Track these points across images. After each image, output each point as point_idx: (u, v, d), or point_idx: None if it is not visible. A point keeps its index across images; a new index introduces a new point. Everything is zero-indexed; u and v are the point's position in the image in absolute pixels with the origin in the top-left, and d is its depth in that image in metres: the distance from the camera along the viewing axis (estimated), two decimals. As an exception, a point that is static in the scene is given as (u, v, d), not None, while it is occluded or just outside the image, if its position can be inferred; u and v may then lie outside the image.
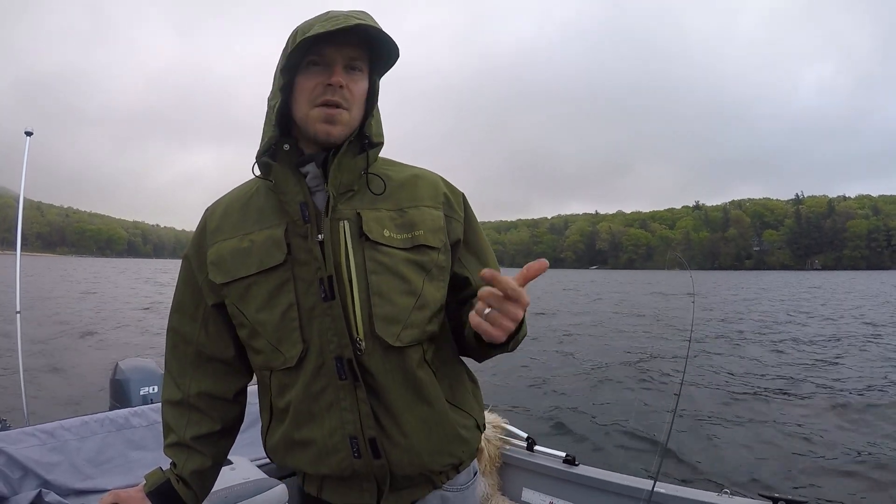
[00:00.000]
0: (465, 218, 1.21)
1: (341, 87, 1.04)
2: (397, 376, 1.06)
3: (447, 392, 1.14)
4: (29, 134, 3.48)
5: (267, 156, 1.09)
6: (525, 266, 0.88)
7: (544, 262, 0.88)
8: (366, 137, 1.12)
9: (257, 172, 1.13)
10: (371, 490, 1.10)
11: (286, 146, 1.09)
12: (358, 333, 1.04)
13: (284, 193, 1.09)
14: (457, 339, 1.21)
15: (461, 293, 1.21)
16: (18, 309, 3.40)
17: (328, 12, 1.04)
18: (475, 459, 1.25)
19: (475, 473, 1.24)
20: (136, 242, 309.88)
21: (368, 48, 1.08)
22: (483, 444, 2.58)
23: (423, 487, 1.14)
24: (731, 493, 2.10)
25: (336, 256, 1.04)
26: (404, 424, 1.06)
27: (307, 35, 1.00)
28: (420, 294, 1.08)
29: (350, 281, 1.04)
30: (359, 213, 1.07)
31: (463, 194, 1.24)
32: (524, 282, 0.88)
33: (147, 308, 19.95)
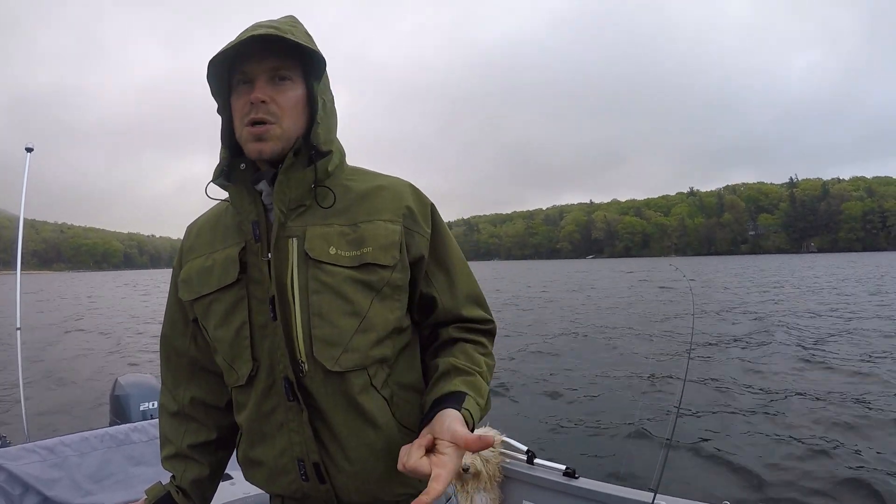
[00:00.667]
0: (433, 232, 1.14)
1: (263, 102, 1.01)
2: (339, 400, 1.03)
3: (405, 417, 1.08)
4: (29, 150, 3.47)
5: (222, 177, 1.08)
6: (466, 439, 0.87)
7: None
8: (313, 147, 1.06)
9: (212, 193, 1.12)
10: None
11: (242, 165, 1.08)
12: (300, 355, 1.02)
13: (240, 212, 1.08)
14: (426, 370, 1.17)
15: (429, 315, 1.16)
16: (18, 325, 3.41)
17: (248, 27, 1.03)
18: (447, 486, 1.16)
19: (447, 500, 1.17)
20: (133, 254, 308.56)
21: (299, 54, 1.05)
22: (481, 466, 2.56)
23: None
24: None
25: (281, 275, 1.03)
26: (349, 450, 1.03)
27: (213, 57, 1.00)
28: (365, 316, 1.03)
29: (293, 300, 1.02)
30: (305, 230, 1.05)
31: (432, 205, 1.16)
32: (463, 447, 0.88)
33: (147, 322, 19.88)
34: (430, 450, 0.90)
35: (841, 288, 26.72)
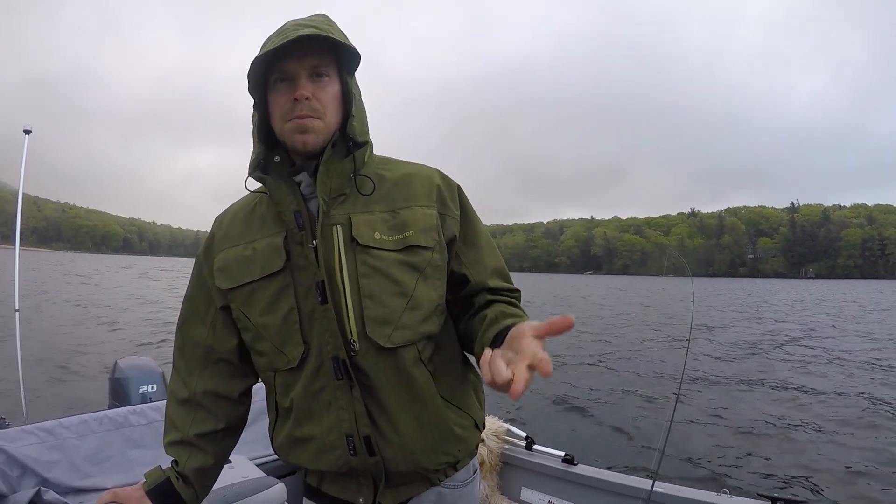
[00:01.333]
0: (461, 213, 1.22)
1: (307, 99, 1.05)
2: (390, 376, 1.09)
3: (445, 391, 1.15)
4: (27, 132, 3.49)
5: (259, 170, 1.13)
6: (549, 322, 0.84)
7: (570, 318, 0.83)
8: (350, 139, 1.12)
9: (251, 186, 1.18)
10: (368, 486, 1.14)
11: (277, 158, 1.12)
12: (352, 335, 1.07)
13: (280, 203, 1.12)
14: (460, 339, 1.24)
15: (461, 291, 1.22)
16: (17, 307, 3.40)
17: (283, 25, 1.07)
18: (475, 457, 1.27)
19: (475, 471, 1.27)
20: (132, 239, 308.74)
21: (333, 51, 1.09)
22: (484, 455, 2.57)
23: (419, 484, 1.17)
24: (729, 493, 2.10)
25: (329, 261, 1.07)
26: (398, 423, 1.09)
27: (259, 54, 1.03)
28: (412, 295, 1.10)
29: (343, 284, 1.07)
30: (350, 217, 1.10)
31: (459, 187, 1.24)
32: (545, 335, 0.85)
33: (145, 304, 19.85)
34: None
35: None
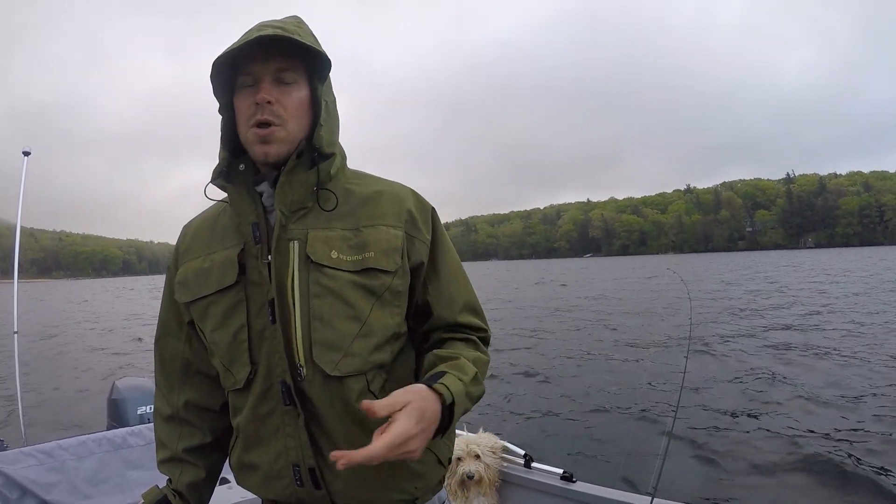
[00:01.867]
0: (433, 238, 1.14)
1: (269, 103, 1.01)
2: (337, 406, 1.02)
3: None
4: (27, 154, 3.48)
5: (221, 177, 1.08)
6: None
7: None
8: (316, 149, 1.06)
9: (210, 194, 1.12)
10: None
11: (241, 166, 1.07)
12: (299, 359, 1.01)
13: (240, 214, 1.08)
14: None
15: (424, 323, 1.15)
16: (16, 329, 3.41)
17: (252, 27, 1.02)
18: (440, 492, 1.19)
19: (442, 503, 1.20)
20: (131, 260, 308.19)
21: (303, 55, 1.05)
22: (484, 472, 2.55)
23: None
24: None
25: (281, 278, 1.02)
26: None
27: (219, 56, 0.99)
28: (365, 321, 1.03)
29: (293, 304, 1.02)
30: (308, 233, 1.04)
31: (433, 210, 1.17)
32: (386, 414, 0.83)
33: (144, 325, 19.84)
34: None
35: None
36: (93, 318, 24.68)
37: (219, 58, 0.99)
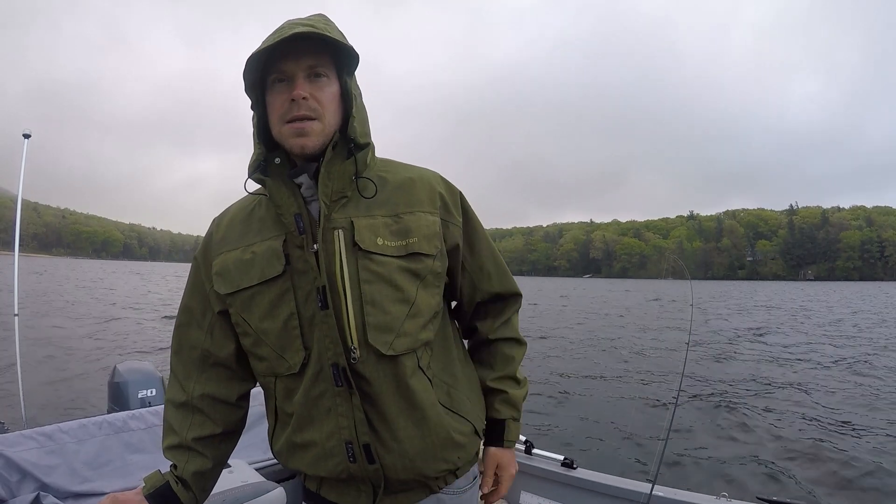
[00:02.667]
0: (464, 220, 1.22)
1: (305, 98, 1.04)
2: (391, 384, 1.08)
3: (444, 398, 1.15)
4: (27, 136, 3.49)
5: (258, 171, 1.11)
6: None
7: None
8: (350, 140, 1.10)
9: (250, 188, 1.16)
10: (367, 492, 1.13)
11: (277, 160, 1.10)
12: (353, 342, 1.05)
13: (280, 206, 1.10)
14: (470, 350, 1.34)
15: (465, 296, 1.28)
16: (16, 311, 3.40)
17: (281, 25, 1.04)
18: (475, 464, 1.27)
19: (475, 478, 1.26)
20: (132, 245, 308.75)
21: (331, 51, 1.08)
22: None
23: (418, 492, 1.16)
24: (729, 497, 2.08)
25: (330, 266, 1.06)
26: (398, 431, 1.08)
27: (252, 53, 1.01)
28: (413, 302, 1.09)
29: (344, 290, 1.05)
30: (352, 222, 1.08)
31: (460, 193, 1.24)
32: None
33: (143, 309, 19.82)
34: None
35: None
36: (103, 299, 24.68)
37: (252, 55, 1.01)
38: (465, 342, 1.35)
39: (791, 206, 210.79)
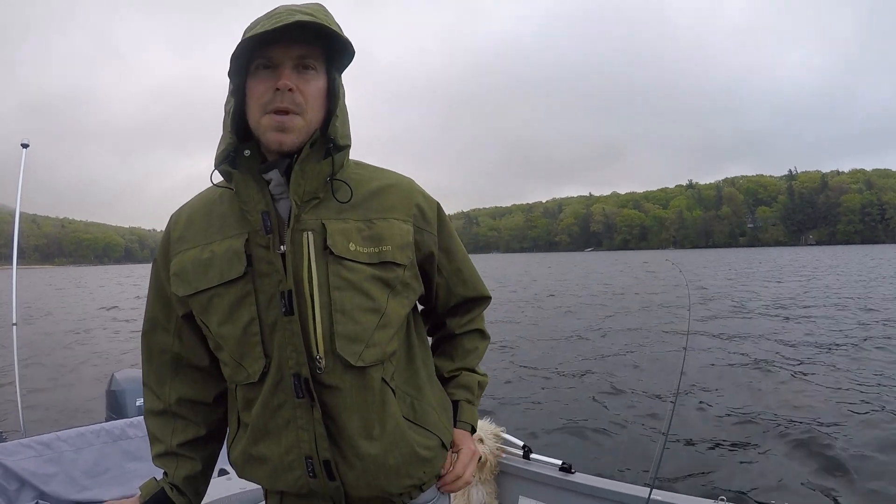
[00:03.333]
0: (440, 228, 1.19)
1: (290, 90, 0.98)
2: (355, 396, 1.03)
3: (408, 411, 1.11)
4: (25, 146, 3.49)
5: (226, 163, 1.04)
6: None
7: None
8: (330, 140, 1.04)
9: (216, 180, 1.09)
10: None
11: (247, 152, 1.03)
12: (318, 351, 1.00)
13: (246, 202, 1.04)
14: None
15: (440, 301, 1.28)
16: (14, 321, 3.41)
17: (275, 9, 0.98)
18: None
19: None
20: (134, 248, 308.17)
21: (323, 44, 1.02)
22: (487, 454, 2.56)
23: None
24: (727, 500, 2.07)
25: (297, 270, 1.00)
26: (359, 447, 1.04)
27: (247, 36, 0.95)
28: (384, 312, 1.05)
29: (311, 296, 1.00)
30: (324, 224, 1.03)
31: (438, 204, 1.20)
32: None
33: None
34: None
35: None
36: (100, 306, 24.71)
37: (247, 39, 0.95)
38: (430, 339, 1.34)
39: (790, 171, 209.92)
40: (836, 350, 9.84)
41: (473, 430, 1.27)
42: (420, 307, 1.28)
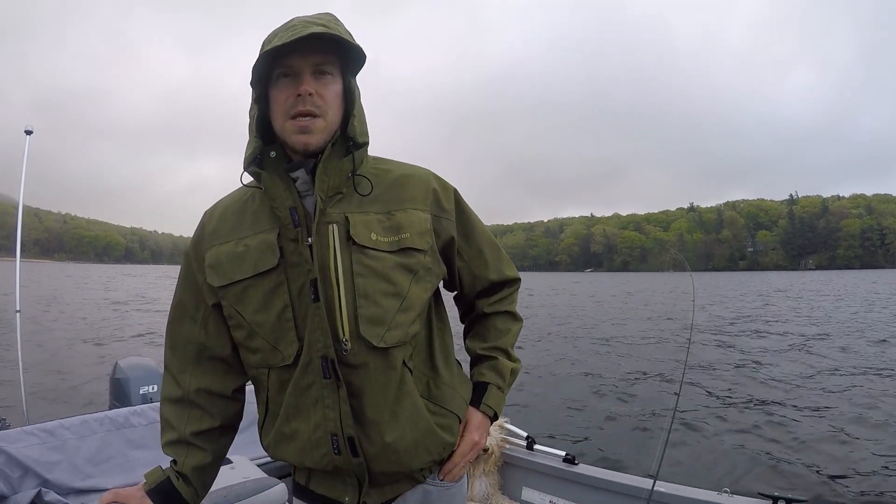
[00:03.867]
0: (458, 213, 1.25)
1: (311, 95, 1.06)
2: (378, 376, 1.09)
3: (426, 391, 1.17)
4: (29, 133, 3.50)
5: (254, 164, 1.12)
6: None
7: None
8: (350, 139, 1.12)
9: (246, 181, 1.17)
10: (353, 485, 1.14)
11: (273, 154, 1.12)
12: (344, 334, 1.06)
13: (275, 199, 1.12)
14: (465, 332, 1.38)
15: (466, 285, 1.31)
16: (18, 308, 3.41)
17: (290, 21, 1.07)
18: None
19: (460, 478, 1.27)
20: (134, 248, 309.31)
21: (337, 49, 1.10)
22: (493, 446, 2.58)
23: (404, 483, 1.18)
24: (730, 492, 2.09)
25: (323, 259, 1.07)
26: (382, 424, 1.09)
27: (266, 49, 1.03)
28: (405, 296, 1.11)
29: (337, 283, 1.06)
30: (347, 217, 1.10)
31: (454, 189, 1.26)
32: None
33: (145, 304, 19.85)
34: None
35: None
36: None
37: (268, 50, 1.02)
38: (463, 324, 1.40)
39: (791, 195, 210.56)
40: (839, 345, 9.83)
41: (495, 417, 1.28)
42: (452, 293, 1.36)
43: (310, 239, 1.08)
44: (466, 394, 1.27)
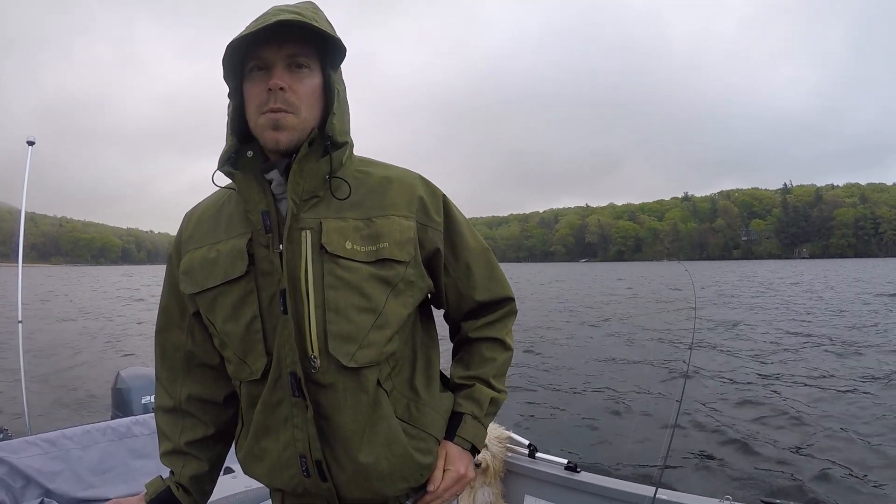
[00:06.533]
0: (447, 223, 1.15)
1: (282, 89, 0.98)
2: (349, 397, 1.02)
3: (406, 413, 1.08)
4: (31, 143, 3.50)
5: (229, 164, 1.05)
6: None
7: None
8: (328, 138, 1.03)
9: (219, 182, 1.10)
10: None
11: (249, 153, 1.04)
12: (313, 350, 1.00)
13: (248, 202, 1.05)
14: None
15: (453, 303, 1.20)
16: (20, 318, 3.41)
17: (267, 10, 0.99)
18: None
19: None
20: (130, 249, 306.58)
21: (316, 41, 1.02)
22: (488, 460, 2.56)
23: None
24: (732, 500, 2.07)
25: (293, 269, 1.00)
26: (352, 449, 1.02)
27: (234, 39, 0.96)
28: (381, 312, 1.03)
29: (307, 295, 1.00)
30: (321, 223, 1.02)
31: (444, 195, 1.17)
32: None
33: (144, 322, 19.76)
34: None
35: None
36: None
37: (234, 41, 0.96)
38: (453, 342, 1.28)
39: (785, 184, 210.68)
40: (843, 348, 9.83)
41: (476, 451, 1.16)
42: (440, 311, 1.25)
43: (280, 246, 1.01)
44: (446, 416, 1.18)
